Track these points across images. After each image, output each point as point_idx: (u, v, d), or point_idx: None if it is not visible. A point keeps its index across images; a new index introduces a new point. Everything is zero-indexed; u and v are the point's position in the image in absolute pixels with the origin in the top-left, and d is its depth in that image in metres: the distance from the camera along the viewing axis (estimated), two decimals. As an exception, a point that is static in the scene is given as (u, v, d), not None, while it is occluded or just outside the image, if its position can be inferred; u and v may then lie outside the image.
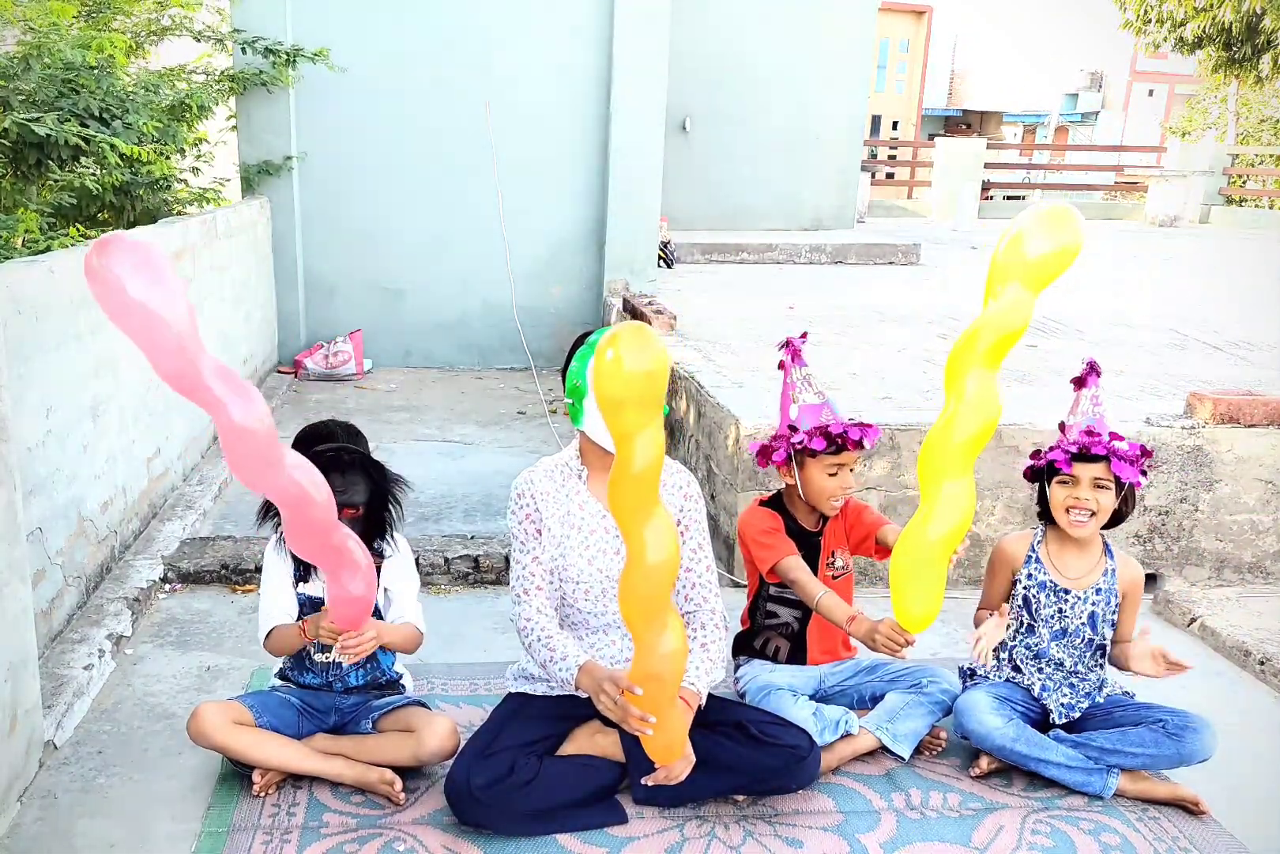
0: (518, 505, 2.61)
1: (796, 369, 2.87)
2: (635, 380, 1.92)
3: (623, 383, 1.93)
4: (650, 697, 2.26)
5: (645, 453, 2.00)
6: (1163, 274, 9.31)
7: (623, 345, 1.92)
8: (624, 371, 1.91)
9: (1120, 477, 2.66)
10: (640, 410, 1.97)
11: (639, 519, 2.08)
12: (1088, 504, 2.69)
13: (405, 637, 2.65)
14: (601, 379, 1.96)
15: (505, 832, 2.41)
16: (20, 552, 2.51)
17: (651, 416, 1.99)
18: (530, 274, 7.29)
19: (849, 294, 7.53)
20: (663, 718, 2.29)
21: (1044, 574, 2.79)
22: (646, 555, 2.08)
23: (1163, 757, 2.63)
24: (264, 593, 2.66)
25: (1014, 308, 2.28)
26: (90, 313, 3.45)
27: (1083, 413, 2.74)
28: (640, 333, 1.96)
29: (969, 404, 2.33)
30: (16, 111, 4.19)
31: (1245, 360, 5.43)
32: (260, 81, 6.51)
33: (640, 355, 1.92)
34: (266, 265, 6.87)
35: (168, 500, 4.36)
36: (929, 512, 2.43)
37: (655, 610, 2.15)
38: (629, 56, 6.92)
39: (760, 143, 10.13)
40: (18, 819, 2.44)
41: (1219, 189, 16.25)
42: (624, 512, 2.09)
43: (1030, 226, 2.29)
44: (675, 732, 2.33)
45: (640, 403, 1.96)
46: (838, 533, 2.97)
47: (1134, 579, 2.82)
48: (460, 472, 5.02)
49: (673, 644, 2.18)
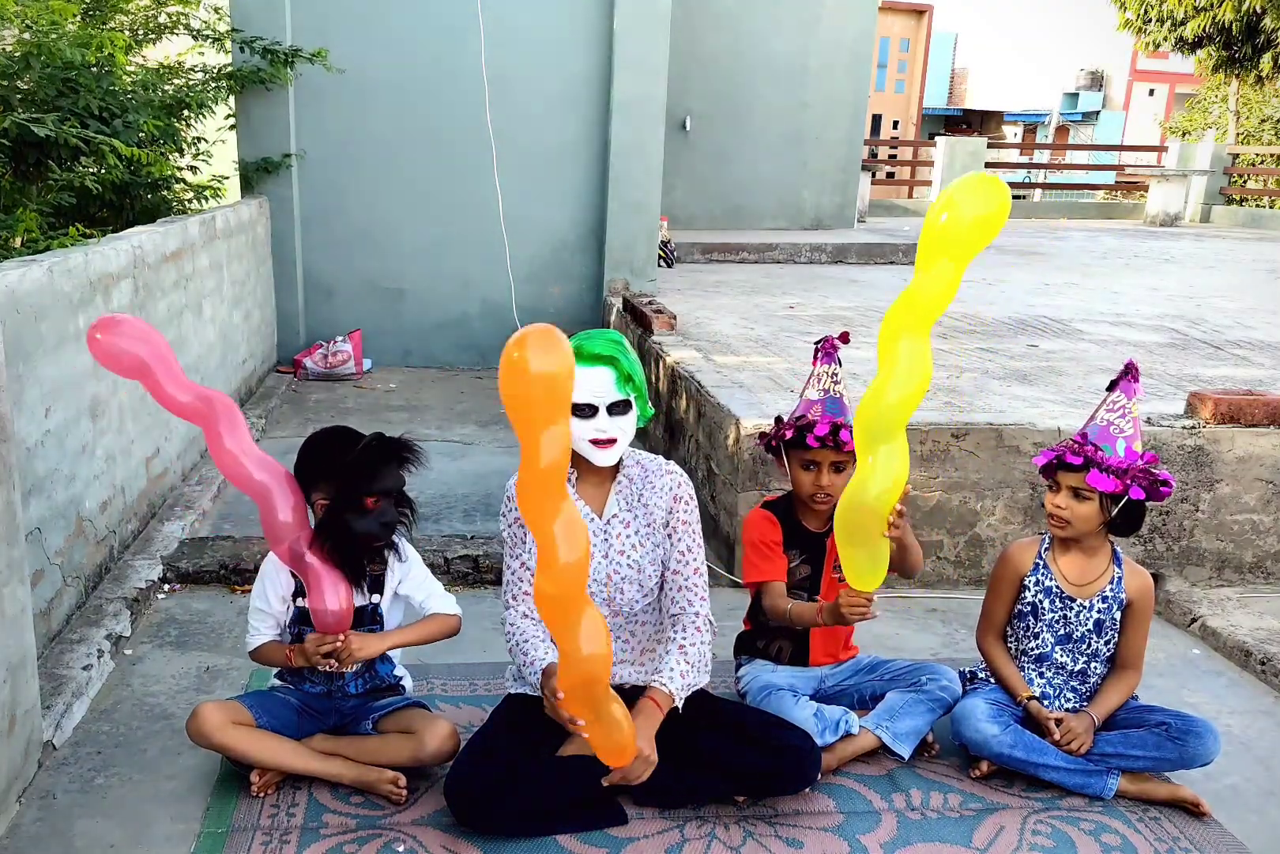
0: (508, 508, 2.61)
1: (821, 365, 2.87)
2: (538, 381, 1.97)
3: (526, 383, 1.97)
4: (578, 699, 2.23)
5: (549, 451, 2.02)
6: (1163, 274, 9.31)
7: (529, 347, 1.96)
8: (529, 373, 1.96)
9: (1097, 488, 2.59)
10: (544, 410, 2.00)
11: (547, 518, 2.07)
12: (1061, 512, 2.66)
13: (427, 632, 2.68)
14: (506, 378, 2.00)
15: (505, 832, 2.41)
16: (19, 552, 2.50)
17: (556, 416, 2.02)
18: (530, 274, 7.29)
19: (849, 294, 7.53)
20: (602, 720, 2.26)
21: (1050, 580, 2.76)
22: (556, 556, 2.06)
23: (1165, 760, 2.62)
24: (253, 605, 2.68)
25: (940, 277, 2.32)
26: (89, 312, 3.45)
27: (1094, 419, 2.68)
28: (547, 335, 1.99)
29: (901, 368, 2.36)
30: (16, 111, 4.18)
31: (1245, 360, 5.43)
32: (259, 80, 6.50)
33: (545, 358, 1.96)
34: (266, 265, 6.87)
35: (167, 500, 4.35)
36: (866, 474, 2.46)
37: (570, 612, 2.12)
38: (629, 56, 6.92)
39: (760, 143, 10.13)
40: (17, 820, 2.43)
41: (1219, 188, 16.25)
42: (531, 510, 2.08)
43: (957, 196, 2.28)
44: (621, 733, 2.29)
45: (544, 403, 2.00)
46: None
47: (1142, 587, 2.76)
48: (460, 471, 5.02)
49: (591, 647, 2.14)
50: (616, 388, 2.45)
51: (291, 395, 6.49)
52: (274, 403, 6.12)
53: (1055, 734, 2.66)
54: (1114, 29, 20.59)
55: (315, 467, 2.53)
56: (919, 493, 3.86)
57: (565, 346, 2.00)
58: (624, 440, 2.52)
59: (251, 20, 6.52)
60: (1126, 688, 2.78)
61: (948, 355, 5.31)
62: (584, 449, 2.48)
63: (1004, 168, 18.65)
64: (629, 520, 2.60)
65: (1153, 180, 15.89)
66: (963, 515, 3.90)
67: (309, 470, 2.54)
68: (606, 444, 2.48)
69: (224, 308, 5.61)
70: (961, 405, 4.22)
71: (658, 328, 5.60)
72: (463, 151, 7.00)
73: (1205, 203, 15.98)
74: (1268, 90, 20.51)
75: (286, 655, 2.61)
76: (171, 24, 6.12)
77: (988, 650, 2.87)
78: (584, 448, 2.48)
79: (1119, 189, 20.97)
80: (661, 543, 2.61)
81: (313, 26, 6.68)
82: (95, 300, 3.52)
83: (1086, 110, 44.50)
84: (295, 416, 5.92)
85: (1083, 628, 2.75)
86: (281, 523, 2.49)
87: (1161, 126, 29.65)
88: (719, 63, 9.86)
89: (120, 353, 2.44)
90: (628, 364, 2.47)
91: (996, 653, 2.85)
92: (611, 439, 2.48)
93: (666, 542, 2.61)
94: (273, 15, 6.57)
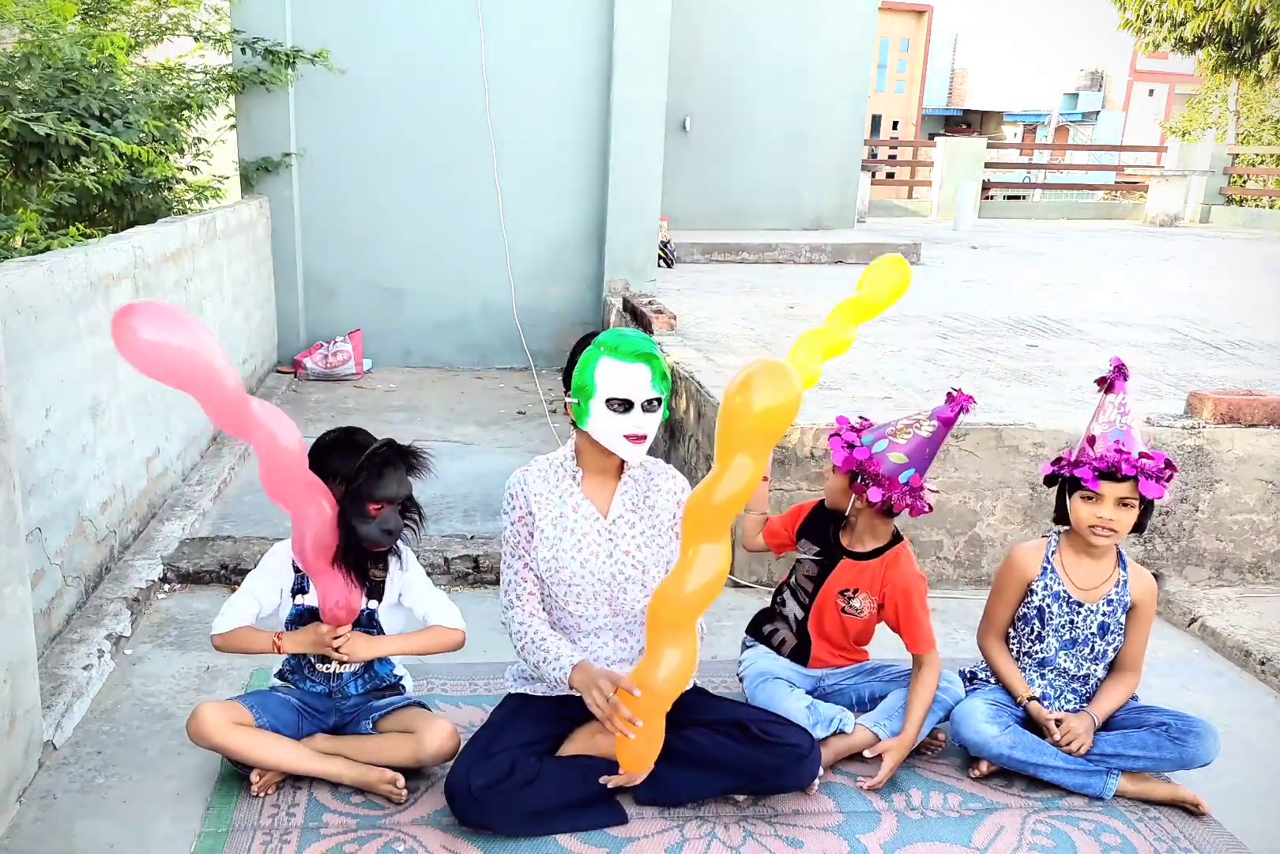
0: (511, 506, 2.61)
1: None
2: (765, 418, 2.14)
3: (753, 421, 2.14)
4: (643, 703, 2.29)
5: (733, 482, 2.17)
6: (1163, 274, 9.31)
7: (755, 386, 2.11)
8: (754, 412, 2.11)
9: (1145, 495, 2.60)
10: (757, 443, 2.18)
11: (701, 537, 2.20)
12: (1112, 524, 2.63)
13: (424, 643, 2.65)
14: (732, 417, 2.16)
15: (505, 832, 2.41)
16: (19, 552, 2.50)
17: (762, 449, 2.20)
18: (530, 274, 7.29)
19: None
20: (647, 727, 2.32)
21: (1059, 585, 2.75)
22: (693, 572, 2.17)
23: (1165, 760, 2.62)
24: (245, 589, 2.63)
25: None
26: (89, 312, 3.45)
27: (1108, 422, 2.65)
28: (777, 372, 2.13)
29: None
30: (16, 111, 4.18)
31: (1245, 360, 5.43)
32: (259, 80, 6.51)
33: (772, 395, 2.11)
34: (266, 265, 6.87)
35: (167, 500, 4.35)
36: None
37: (682, 625, 2.23)
38: (629, 56, 6.92)
39: (760, 143, 10.13)
40: (17, 820, 2.43)
41: (1219, 189, 16.26)
42: (691, 528, 2.21)
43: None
44: (653, 743, 2.36)
45: (761, 438, 2.16)
46: (870, 577, 2.82)
47: (1146, 589, 2.77)
48: (460, 472, 5.02)
49: (684, 661, 2.25)
50: (653, 385, 2.47)
51: (292, 395, 6.49)
52: (274, 403, 6.10)
53: (1055, 734, 2.66)
54: (1114, 29, 20.59)
55: (323, 470, 2.52)
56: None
57: (795, 384, 2.14)
58: (652, 438, 2.53)
59: (252, 21, 6.53)
60: (1126, 689, 2.78)
61: (948, 355, 5.32)
62: (617, 444, 2.48)
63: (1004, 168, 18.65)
64: (634, 521, 2.61)
65: (1152, 180, 15.91)
66: (963, 515, 3.91)
67: (317, 473, 2.54)
68: (639, 440, 2.49)
69: (224, 308, 5.61)
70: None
71: (658, 328, 5.60)
72: (463, 151, 7.01)
73: (1205, 203, 15.98)
74: (1268, 90, 20.50)
75: (274, 642, 2.56)
76: (172, 26, 6.12)
77: (989, 651, 2.87)
78: (617, 443, 2.48)
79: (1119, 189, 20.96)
80: (666, 545, 2.61)
81: (313, 28, 6.68)
82: (95, 300, 3.52)
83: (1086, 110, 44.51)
84: (295, 417, 5.87)
85: (1087, 631, 2.75)
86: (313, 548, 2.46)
87: (1161, 126, 29.65)
88: (719, 63, 9.86)
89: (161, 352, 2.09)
90: (662, 363, 2.49)
91: (997, 653, 2.85)
92: (644, 435, 2.49)
93: (671, 544, 2.62)
94: (273, 17, 6.57)
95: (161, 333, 2.02)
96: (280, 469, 2.31)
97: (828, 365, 3.35)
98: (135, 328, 2.01)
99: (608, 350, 2.45)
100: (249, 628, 2.61)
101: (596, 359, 2.46)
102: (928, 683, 2.74)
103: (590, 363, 2.47)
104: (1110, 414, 2.67)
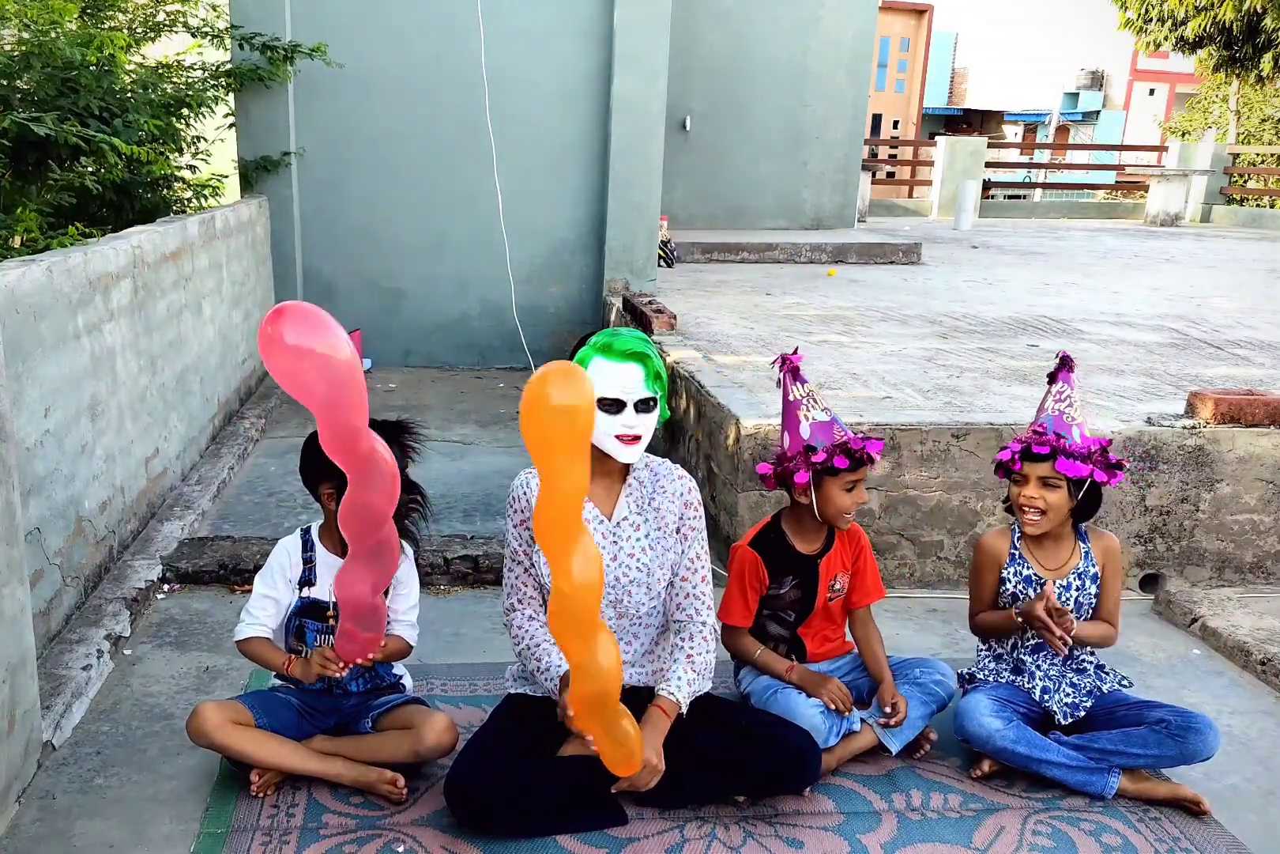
0: (513, 509, 2.61)
1: (798, 386, 2.80)
2: (561, 416, 2.01)
3: (548, 419, 2.01)
4: (587, 715, 2.26)
5: (570, 480, 2.05)
6: (1163, 274, 9.31)
7: (550, 385, 2.01)
8: (549, 406, 2.00)
9: (1067, 474, 2.64)
10: (566, 444, 2.03)
11: (566, 542, 2.09)
12: (1035, 503, 2.70)
13: (391, 651, 2.67)
14: (528, 415, 2.03)
15: (505, 832, 2.40)
16: (19, 552, 2.50)
17: (576, 449, 2.04)
18: (530, 274, 7.29)
19: (849, 293, 7.53)
20: (609, 732, 2.28)
21: (1027, 569, 2.82)
22: (572, 577, 2.07)
23: (1165, 756, 2.62)
24: (259, 592, 2.65)
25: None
26: (88, 312, 3.45)
27: (1044, 410, 2.75)
28: (570, 373, 2.03)
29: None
30: (16, 111, 4.18)
31: (1245, 360, 5.43)
32: (258, 77, 6.49)
33: (567, 393, 2.00)
34: (265, 264, 6.87)
35: (166, 500, 4.35)
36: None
37: (584, 633, 2.15)
38: (629, 55, 6.91)
39: (760, 142, 10.13)
40: (16, 820, 2.43)
41: (1220, 188, 16.26)
42: (547, 535, 2.11)
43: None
44: (628, 744, 2.31)
45: (566, 439, 2.02)
46: (843, 557, 2.89)
47: (1107, 549, 2.83)
48: (460, 472, 5.02)
49: (605, 663, 2.17)
50: (645, 385, 2.46)
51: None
52: (273, 403, 6.11)
53: (1052, 600, 2.66)
54: (1114, 29, 20.59)
55: (317, 462, 2.51)
56: (919, 493, 3.86)
57: (586, 385, 2.05)
58: (647, 438, 2.52)
59: (250, 17, 6.52)
60: (1103, 629, 2.81)
61: (948, 355, 5.31)
62: (609, 445, 2.47)
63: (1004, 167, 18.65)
64: (639, 524, 2.60)
65: (1153, 180, 15.90)
66: (963, 515, 3.90)
67: (313, 467, 2.54)
68: (632, 440, 2.48)
69: (224, 307, 5.61)
70: (961, 405, 4.22)
71: (658, 327, 5.60)
72: (462, 150, 7.00)
73: (1205, 203, 15.98)
74: (1268, 90, 20.50)
75: (285, 664, 2.60)
76: (170, 22, 6.12)
77: (980, 622, 2.89)
78: (609, 444, 2.47)
79: (1119, 189, 20.97)
80: (672, 547, 2.61)
81: (311, 24, 6.67)
82: (94, 300, 3.52)
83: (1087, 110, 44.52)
84: (295, 416, 5.91)
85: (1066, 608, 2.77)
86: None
87: (1161, 126, 29.65)
88: (719, 63, 9.86)
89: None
90: (656, 362, 2.48)
91: (987, 616, 2.87)
92: (637, 436, 2.48)
93: (677, 546, 2.61)
94: (271, 12, 6.56)
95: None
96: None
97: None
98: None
99: (599, 350, 2.45)
100: (268, 643, 2.63)
101: (589, 359, 2.46)
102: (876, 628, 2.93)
103: (583, 363, 2.47)
104: (1048, 402, 2.75)
